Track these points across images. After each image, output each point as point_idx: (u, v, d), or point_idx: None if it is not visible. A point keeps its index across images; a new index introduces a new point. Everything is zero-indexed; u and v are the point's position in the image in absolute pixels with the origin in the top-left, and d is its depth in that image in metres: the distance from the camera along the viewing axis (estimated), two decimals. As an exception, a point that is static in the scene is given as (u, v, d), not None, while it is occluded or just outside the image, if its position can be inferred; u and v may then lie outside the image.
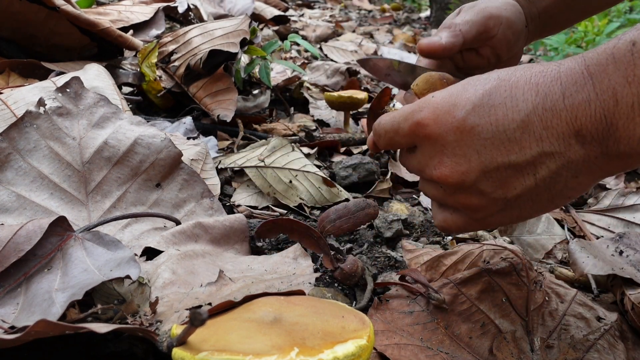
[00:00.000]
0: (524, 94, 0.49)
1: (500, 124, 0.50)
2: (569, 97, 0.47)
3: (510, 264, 0.66)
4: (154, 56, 1.11)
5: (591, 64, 0.46)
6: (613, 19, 3.07)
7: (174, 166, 0.74)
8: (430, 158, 0.55)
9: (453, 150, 0.52)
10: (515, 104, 0.49)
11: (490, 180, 0.51)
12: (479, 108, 0.51)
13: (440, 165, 0.53)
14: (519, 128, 0.49)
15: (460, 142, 0.52)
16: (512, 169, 0.50)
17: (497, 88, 0.51)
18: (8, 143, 0.68)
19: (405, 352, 0.56)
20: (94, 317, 0.51)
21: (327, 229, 0.76)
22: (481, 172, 0.51)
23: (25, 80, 0.99)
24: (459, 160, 0.52)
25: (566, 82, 0.47)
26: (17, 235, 0.54)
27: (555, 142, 0.48)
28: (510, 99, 0.49)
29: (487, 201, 0.53)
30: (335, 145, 1.18)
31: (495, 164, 0.50)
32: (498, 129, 0.50)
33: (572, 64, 0.48)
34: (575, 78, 0.47)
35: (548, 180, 0.50)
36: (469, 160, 0.52)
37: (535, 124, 0.48)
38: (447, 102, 0.52)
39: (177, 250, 0.63)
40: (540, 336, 0.60)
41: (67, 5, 1.03)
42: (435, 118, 0.53)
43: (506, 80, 0.51)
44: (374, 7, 4.59)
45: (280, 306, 0.45)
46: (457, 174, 0.52)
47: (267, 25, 2.10)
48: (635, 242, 0.72)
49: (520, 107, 0.49)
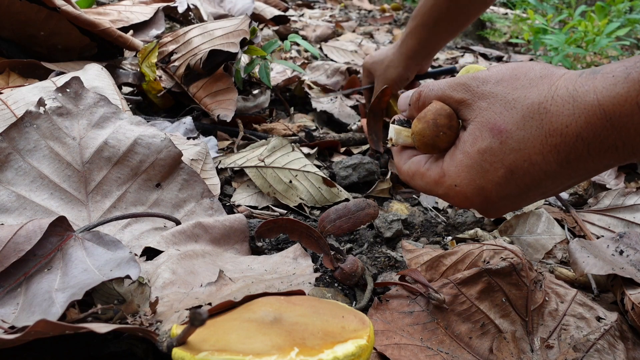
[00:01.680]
0: (544, 158, 0.49)
1: (530, 186, 0.52)
2: (594, 149, 0.46)
3: (510, 264, 0.66)
4: (154, 56, 1.11)
5: (614, 117, 0.44)
6: (613, 19, 3.07)
7: (174, 166, 0.74)
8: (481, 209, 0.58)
9: (494, 208, 0.56)
10: (539, 168, 0.49)
11: (527, 202, 0.56)
12: (506, 185, 0.52)
13: (490, 211, 0.58)
14: (548, 181, 0.51)
15: (498, 207, 0.56)
16: (547, 194, 0.55)
17: (515, 162, 0.50)
18: (8, 143, 0.68)
19: (405, 352, 0.56)
20: (94, 317, 0.51)
21: (327, 229, 0.76)
22: (519, 203, 0.56)
23: (25, 80, 0.99)
24: (502, 210, 0.57)
25: (588, 138, 0.46)
26: (17, 235, 0.54)
27: (584, 174, 0.50)
28: (533, 167, 0.50)
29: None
30: (335, 145, 1.18)
31: (532, 199, 0.55)
32: (529, 188, 0.52)
33: (592, 119, 0.45)
34: (598, 132, 0.45)
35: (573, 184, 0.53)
36: (510, 208, 0.56)
37: (561, 174, 0.49)
38: (473, 188, 0.54)
39: (177, 250, 0.63)
40: (540, 336, 0.60)
41: (67, 5, 1.03)
42: (469, 203, 0.56)
43: (521, 150, 0.50)
44: (374, 7, 4.59)
45: (280, 306, 0.45)
46: (502, 213, 0.58)
47: (267, 25, 2.10)
48: (635, 242, 0.72)
49: (545, 169, 0.49)
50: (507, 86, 0.51)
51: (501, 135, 0.50)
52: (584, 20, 2.67)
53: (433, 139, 0.56)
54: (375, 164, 1.03)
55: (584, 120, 0.45)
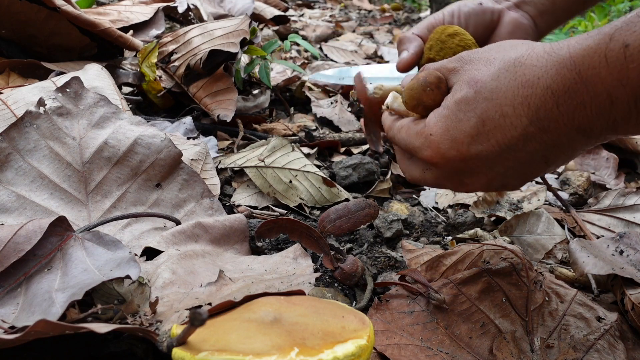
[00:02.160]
0: (515, 110, 0.50)
1: (502, 143, 0.52)
2: (563, 104, 0.47)
3: (510, 264, 0.66)
4: (154, 56, 1.11)
5: (583, 69, 0.45)
6: (613, 19, 3.07)
7: (174, 166, 0.74)
8: (447, 179, 0.59)
9: (469, 172, 0.56)
10: (510, 122, 0.50)
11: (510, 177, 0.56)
12: (477, 137, 0.53)
13: (463, 184, 0.58)
14: (520, 141, 0.51)
15: (471, 167, 0.55)
16: (526, 164, 0.54)
17: (487, 111, 0.51)
18: (8, 143, 0.68)
19: (405, 352, 0.56)
20: (94, 317, 0.51)
21: (327, 229, 0.76)
22: (499, 176, 0.55)
23: (25, 80, 0.99)
24: (477, 177, 0.56)
25: (557, 91, 0.47)
26: (17, 235, 0.54)
27: (557, 139, 0.50)
28: (504, 119, 0.50)
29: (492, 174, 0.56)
30: (335, 145, 1.18)
31: (509, 167, 0.54)
32: (502, 148, 0.52)
33: (562, 70, 0.46)
34: (567, 85, 0.46)
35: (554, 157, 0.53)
36: (485, 174, 0.56)
37: (534, 133, 0.50)
38: (447, 138, 0.55)
39: (177, 250, 0.63)
40: (540, 336, 0.60)
41: (68, 5, 1.03)
42: (441, 156, 0.56)
43: (493, 100, 0.51)
44: (374, 7, 4.59)
45: (280, 306, 0.45)
46: (480, 186, 0.58)
47: (267, 25, 2.10)
48: (635, 241, 0.72)
49: (515, 124, 0.50)
50: (490, 50, 0.55)
51: (476, 85, 0.52)
52: (584, 20, 2.67)
53: (419, 92, 0.59)
54: (375, 164, 1.03)
55: (555, 72, 0.47)
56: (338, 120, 1.38)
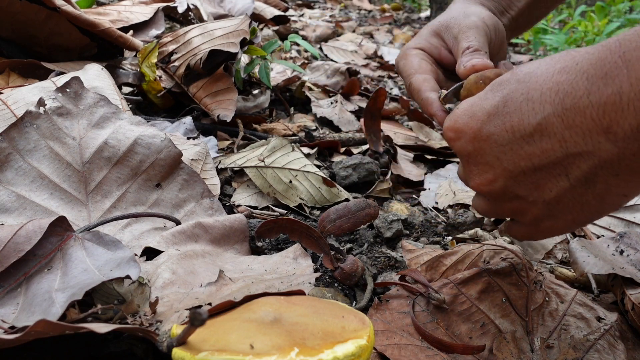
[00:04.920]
0: (541, 96, 0.46)
1: (516, 130, 0.48)
2: (596, 92, 0.41)
3: (510, 264, 0.66)
4: (154, 56, 1.11)
5: (629, 49, 0.39)
6: (613, 19, 3.07)
7: (174, 166, 0.74)
8: (464, 169, 0.56)
9: (475, 159, 0.53)
10: (532, 107, 0.46)
11: (522, 184, 0.50)
12: (494, 117, 0.50)
13: (471, 175, 0.54)
14: (536, 132, 0.46)
15: (480, 151, 0.52)
16: (540, 171, 0.48)
17: (513, 92, 0.48)
18: (8, 143, 0.68)
19: (405, 352, 0.56)
20: (94, 317, 0.51)
21: (327, 229, 0.76)
22: (508, 178, 0.51)
23: (25, 80, 0.99)
24: (483, 168, 0.52)
25: (593, 76, 0.42)
26: (17, 235, 0.54)
27: (581, 141, 0.44)
28: (527, 103, 0.47)
29: (527, 204, 0.52)
30: (335, 145, 1.18)
31: (520, 169, 0.49)
32: (515, 135, 0.48)
33: (604, 53, 0.42)
34: (606, 69, 0.41)
35: (584, 180, 0.46)
36: (492, 167, 0.51)
37: (555, 125, 0.45)
38: (466, 113, 0.53)
39: (177, 250, 0.63)
40: (540, 336, 0.60)
41: (67, 5, 1.03)
42: (456, 131, 0.54)
43: (524, 82, 0.48)
44: (374, 7, 4.59)
45: (280, 306, 0.45)
46: (486, 182, 0.53)
47: (267, 25, 2.10)
48: (636, 241, 0.72)
49: (537, 109, 0.46)
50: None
51: (516, 69, 0.50)
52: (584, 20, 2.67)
53: (472, 84, 0.58)
54: (375, 164, 1.03)
55: (596, 56, 0.42)
56: (338, 120, 1.38)
